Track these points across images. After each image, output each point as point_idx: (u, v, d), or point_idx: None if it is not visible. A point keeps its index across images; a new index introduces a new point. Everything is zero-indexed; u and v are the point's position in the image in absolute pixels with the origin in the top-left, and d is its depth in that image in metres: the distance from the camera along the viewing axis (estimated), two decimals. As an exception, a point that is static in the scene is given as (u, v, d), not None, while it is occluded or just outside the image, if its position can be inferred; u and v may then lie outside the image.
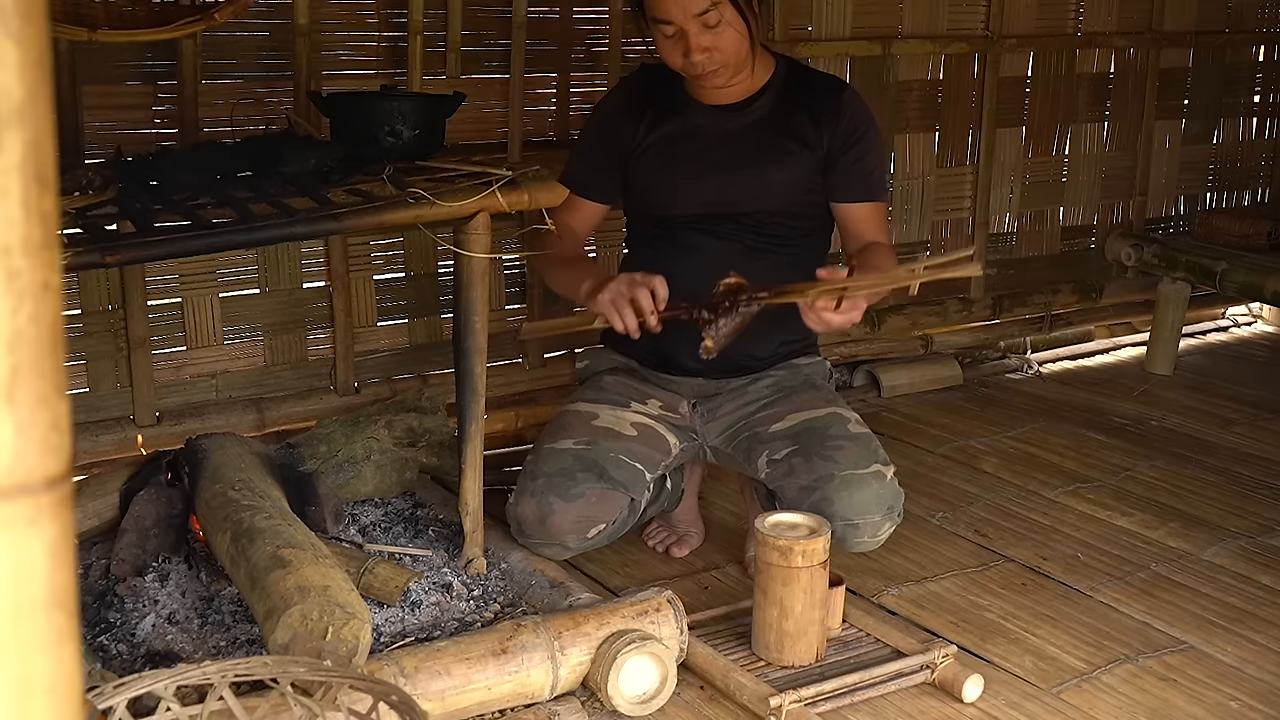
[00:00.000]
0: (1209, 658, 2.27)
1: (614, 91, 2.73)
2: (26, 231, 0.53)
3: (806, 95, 2.51)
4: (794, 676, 2.11)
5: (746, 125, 2.49)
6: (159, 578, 2.17)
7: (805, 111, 2.49)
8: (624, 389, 2.54)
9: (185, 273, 2.79)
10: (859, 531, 2.29)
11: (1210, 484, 3.08)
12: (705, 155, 2.50)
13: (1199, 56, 4.22)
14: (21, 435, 0.54)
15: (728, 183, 2.49)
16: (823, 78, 2.61)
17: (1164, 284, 3.92)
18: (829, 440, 2.35)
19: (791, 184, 2.49)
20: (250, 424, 2.84)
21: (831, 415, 2.42)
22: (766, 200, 2.49)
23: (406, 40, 2.89)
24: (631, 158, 2.54)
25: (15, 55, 0.52)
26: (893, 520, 2.33)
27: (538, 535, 2.36)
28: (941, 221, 3.83)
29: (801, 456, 2.34)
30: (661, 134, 2.52)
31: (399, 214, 2.12)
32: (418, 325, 3.09)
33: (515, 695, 1.96)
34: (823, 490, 2.28)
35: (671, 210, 2.52)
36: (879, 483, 2.30)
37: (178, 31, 2.27)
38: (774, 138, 2.48)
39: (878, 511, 2.29)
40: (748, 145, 2.49)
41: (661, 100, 2.53)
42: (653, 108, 2.53)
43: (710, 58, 2.34)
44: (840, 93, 2.53)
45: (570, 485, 2.33)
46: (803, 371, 2.58)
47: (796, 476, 2.32)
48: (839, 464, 2.30)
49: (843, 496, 2.27)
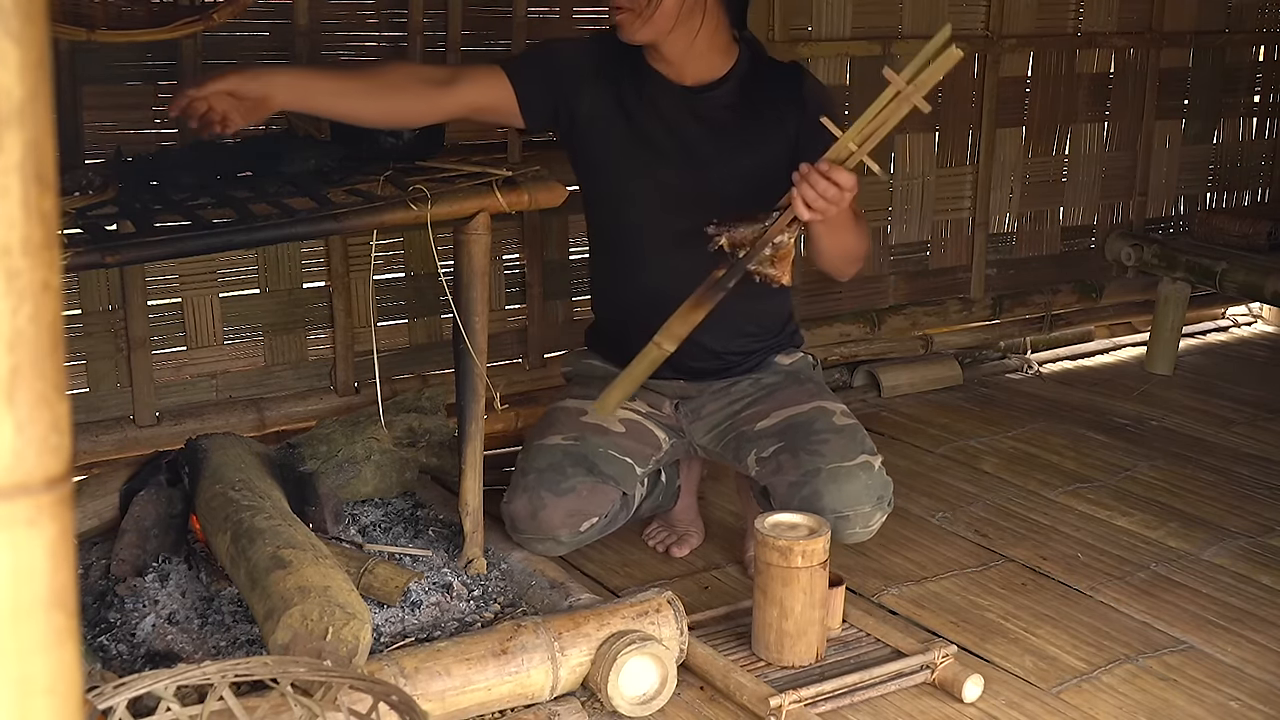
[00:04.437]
0: (1209, 658, 2.27)
1: (575, 41, 2.63)
2: (26, 231, 0.53)
3: (770, 84, 2.45)
4: (794, 676, 2.11)
5: (711, 109, 2.43)
6: (159, 578, 2.17)
7: (770, 100, 2.43)
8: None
9: (185, 273, 2.79)
10: (850, 523, 2.30)
11: (1210, 484, 3.07)
12: (671, 137, 2.42)
13: (1199, 56, 4.22)
14: (21, 435, 0.54)
15: (694, 167, 2.42)
16: (779, 66, 2.54)
17: (1164, 284, 3.92)
18: (814, 435, 2.35)
19: (761, 171, 2.37)
20: (250, 424, 2.84)
21: (816, 409, 2.41)
22: (735, 186, 2.37)
23: (406, 40, 2.89)
24: (583, 120, 2.42)
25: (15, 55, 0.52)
26: (883, 510, 2.34)
27: (530, 531, 2.36)
28: (941, 221, 3.83)
29: (789, 453, 2.34)
30: (621, 104, 2.42)
31: (399, 214, 2.12)
32: (418, 325, 3.09)
33: (515, 696, 1.96)
34: (811, 484, 2.28)
35: (636, 195, 2.44)
36: (867, 474, 2.31)
37: (177, 31, 2.27)
38: (741, 124, 2.42)
39: (867, 502, 2.30)
40: (715, 130, 2.42)
41: (623, 67, 2.43)
42: (612, 71, 2.42)
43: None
44: (799, 78, 2.47)
45: (560, 480, 2.34)
46: (784, 368, 2.56)
47: (785, 473, 2.33)
48: (825, 457, 2.30)
49: (831, 490, 2.27)
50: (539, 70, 2.42)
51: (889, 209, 3.72)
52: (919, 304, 3.82)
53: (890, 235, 3.75)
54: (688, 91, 2.43)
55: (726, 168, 2.42)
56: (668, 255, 2.41)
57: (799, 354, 2.61)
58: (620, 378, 2.26)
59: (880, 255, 3.74)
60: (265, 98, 2.10)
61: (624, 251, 2.50)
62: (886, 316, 3.74)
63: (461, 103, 2.34)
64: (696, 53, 2.39)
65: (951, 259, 3.88)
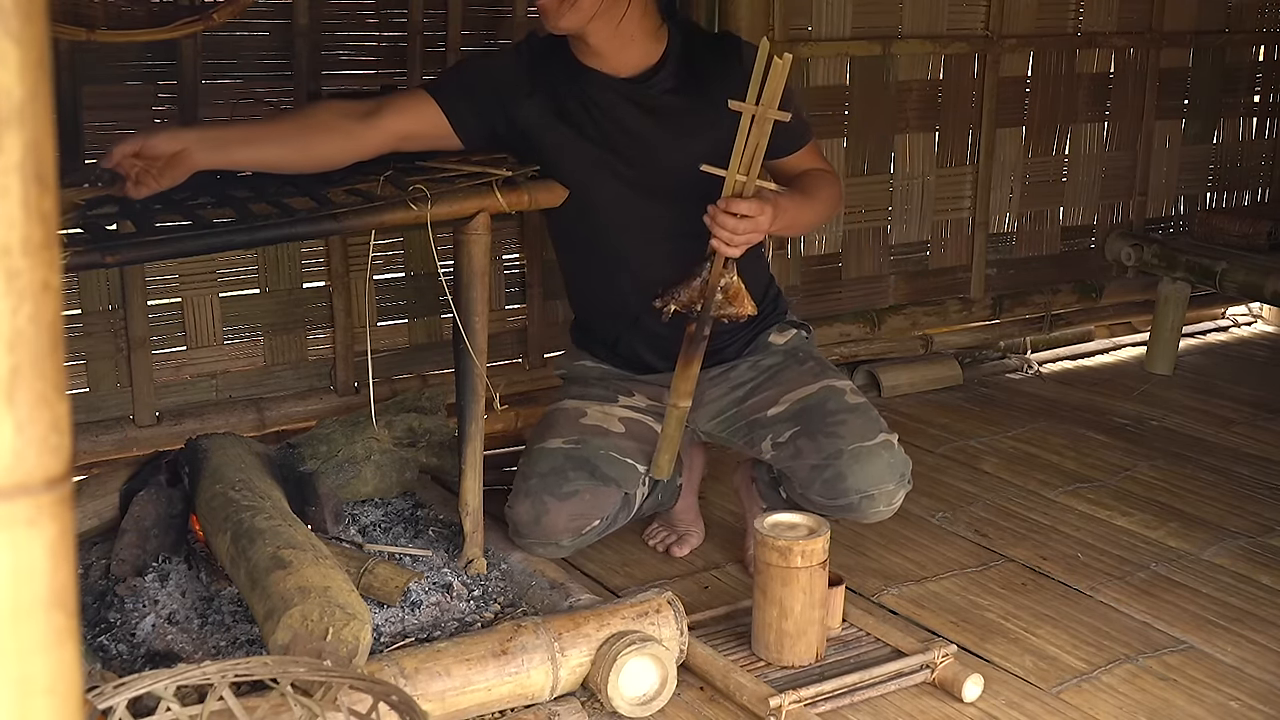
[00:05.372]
0: (1209, 658, 2.27)
1: (500, 54, 2.58)
2: (26, 231, 0.53)
3: (708, 60, 2.39)
4: (794, 676, 2.11)
5: (655, 98, 2.38)
6: (159, 578, 2.17)
7: (711, 77, 2.37)
8: (610, 383, 2.54)
9: (185, 273, 2.79)
10: (875, 502, 2.30)
11: (1210, 484, 3.07)
12: (619, 133, 2.38)
13: (1199, 56, 4.22)
14: (21, 435, 0.54)
15: (648, 160, 2.38)
16: (715, 38, 2.50)
17: (1164, 284, 3.92)
18: (830, 416, 2.34)
19: (717, 149, 2.20)
20: (250, 424, 2.84)
21: (825, 389, 2.41)
22: (693, 170, 2.19)
23: (406, 40, 2.89)
24: (525, 132, 2.36)
25: (15, 55, 0.52)
26: (905, 487, 2.35)
27: (533, 535, 2.36)
28: (941, 221, 3.83)
29: (806, 437, 2.33)
30: (561, 108, 2.36)
31: (399, 214, 2.12)
32: (418, 325, 3.09)
33: (515, 696, 1.96)
34: (835, 466, 2.28)
35: (595, 197, 2.38)
36: (889, 452, 2.31)
37: (177, 31, 2.27)
38: (690, 107, 2.38)
39: (891, 480, 2.30)
40: (662, 118, 2.38)
41: (555, 71, 2.37)
42: (544, 78, 2.37)
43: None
44: (736, 46, 2.41)
45: (563, 484, 2.34)
46: (781, 348, 2.53)
47: (805, 457, 2.32)
48: (845, 439, 2.30)
49: (855, 470, 2.28)
50: (466, 89, 2.36)
51: (889, 209, 3.72)
52: (919, 304, 3.82)
53: (890, 235, 3.75)
54: (626, 84, 2.38)
55: (681, 153, 2.34)
56: (640, 250, 2.41)
57: (791, 330, 2.56)
58: (661, 443, 2.40)
59: (880, 255, 3.74)
60: (179, 155, 2.02)
61: (596, 253, 2.47)
62: (886, 316, 3.74)
63: (388, 133, 2.27)
64: (625, 39, 2.34)
65: (951, 259, 3.88)
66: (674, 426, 2.37)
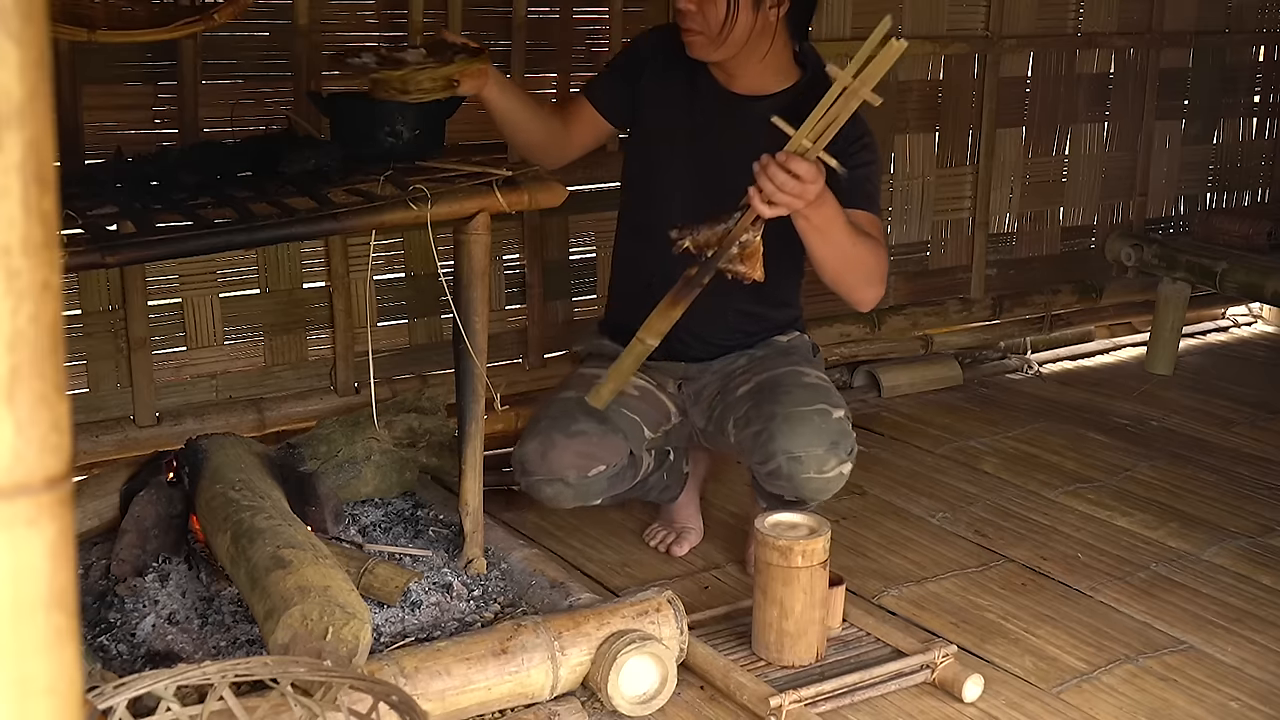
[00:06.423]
0: (1209, 658, 2.27)
1: (652, 31, 2.69)
2: (26, 231, 0.53)
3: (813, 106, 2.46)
4: (794, 676, 2.11)
5: (749, 121, 2.44)
6: (159, 578, 2.17)
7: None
8: None
9: (185, 273, 2.79)
10: (803, 465, 2.26)
11: (1210, 484, 3.08)
12: (703, 137, 2.48)
13: (1199, 56, 4.22)
14: (21, 435, 0.54)
15: (715, 172, 2.43)
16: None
17: (1164, 284, 3.92)
18: (780, 389, 2.35)
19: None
20: (250, 424, 2.84)
21: (789, 372, 2.41)
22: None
23: (406, 40, 2.88)
24: (641, 103, 2.53)
25: (15, 55, 0.52)
26: (839, 458, 2.29)
27: (539, 472, 2.35)
28: (941, 222, 3.83)
29: (754, 407, 2.35)
30: (668, 93, 2.50)
31: (399, 214, 2.12)
32: (418, 325, 3.09)
33: (515, 695, 1.96)
34: (767, 428, 2.28)
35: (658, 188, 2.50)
36: (822, 418, 2.29)
37: (178, 31, 2.27)
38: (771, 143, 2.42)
39: (820, 445, 2.26)
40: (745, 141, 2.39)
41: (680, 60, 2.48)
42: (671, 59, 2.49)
43: (690, 15, 2.35)
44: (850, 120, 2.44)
45: (571, 423, 2.35)
46: (781, 345, 2.55)
47: (750, 425, 2.33)
48: (783, 404, 2.30)
49: (784, 430, 2.26)
50: (618, 74, 2.57)
51: (889, 209, 3.72)
52: (919, 304, 3.82)
53: (890, 235, 3.75)
54: (732, 97, 2.47)
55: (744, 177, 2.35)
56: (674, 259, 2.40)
57: (799, 335, 2.60)
58: (610, 371, 2.27)
59: (880, 255, 3.74)
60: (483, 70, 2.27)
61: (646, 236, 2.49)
62: (887, 317, 3.74)
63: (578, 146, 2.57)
64: (756, 70, 2.44)
65: (951, 259, 3.88)
66: (630, 362, 2.25)
